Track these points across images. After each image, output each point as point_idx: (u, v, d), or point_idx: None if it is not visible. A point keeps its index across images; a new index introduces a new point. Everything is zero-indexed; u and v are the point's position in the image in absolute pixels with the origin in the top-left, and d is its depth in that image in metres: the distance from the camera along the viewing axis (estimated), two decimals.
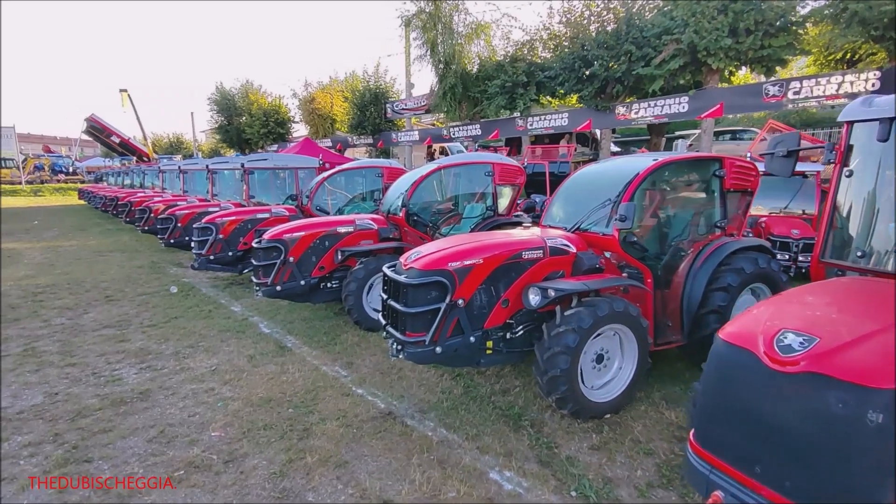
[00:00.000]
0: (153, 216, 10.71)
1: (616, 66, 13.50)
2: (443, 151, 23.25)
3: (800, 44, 11.92)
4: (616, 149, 19.78)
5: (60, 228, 15.14)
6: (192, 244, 7.50)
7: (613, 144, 19.58)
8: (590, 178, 4.59)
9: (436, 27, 17.53)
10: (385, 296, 3.59)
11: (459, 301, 3.38)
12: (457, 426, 3.42)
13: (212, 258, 7.29)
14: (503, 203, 6.71)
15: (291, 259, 5.50)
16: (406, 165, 16.03)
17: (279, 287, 5.48)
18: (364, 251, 5.63)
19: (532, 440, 3.23)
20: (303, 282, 5.57)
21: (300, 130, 30.89)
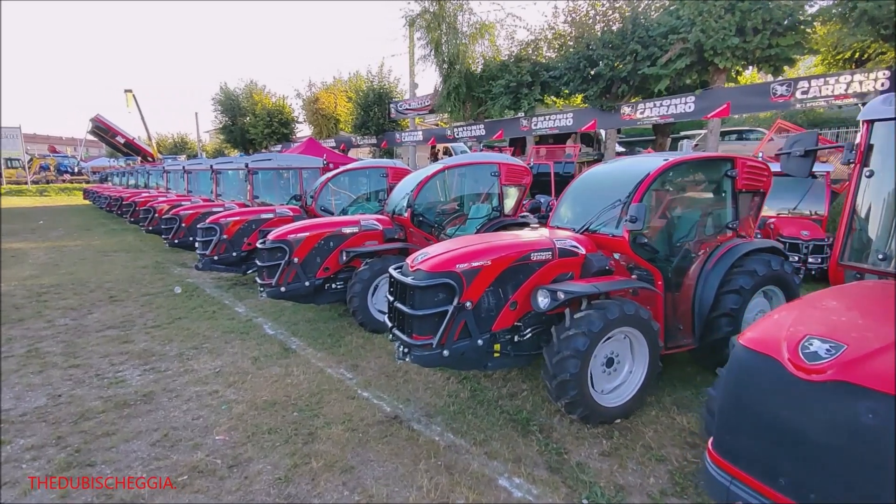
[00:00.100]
0: (157, 216, 10.71)
1: (621, 66, 13.40)
2: (446, 152, 23.20)
3: (808, 43, 11.80)
4: (621, 149, 19.66)
5: (65, 228, 15.18)
6: (196, 244, 7.47)
7: (618, 145, 19.47)
8: (599, 179, 4.52)
9: (440, 27, 17.48)
10: (391, 298, 3.54)
11: (467, 303, 3.32)
12: (464, 431, 3.37)
13: (216, 258, 7.26)
14: (509, 204, 6.65)
15: (296, 260, 5.46)
16: (410, 166, 15.98)
17: (283, 288, 5.43)
18: (369, 252, 5.58)
19: (541, 446, 3.16)
20: (307, 283, 5.53)
21: (304, 131, 30.94)
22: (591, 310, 3.26)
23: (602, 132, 17.98)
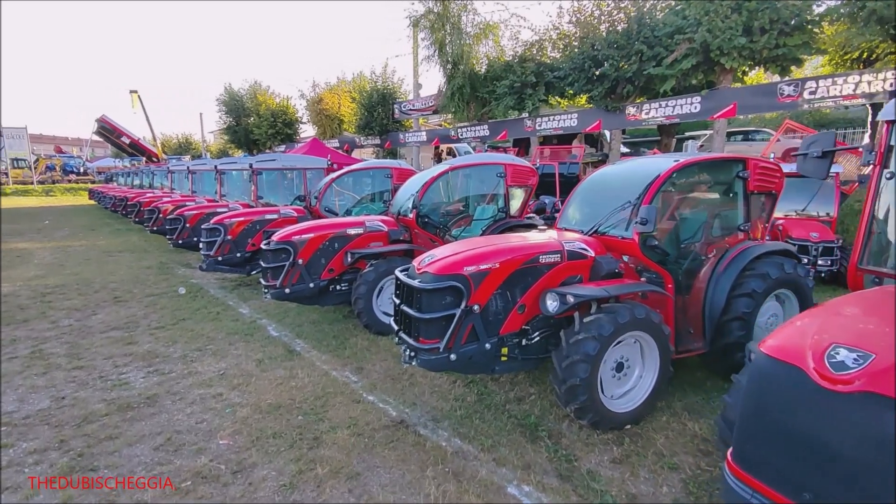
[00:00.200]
0: (162, 217, 10.72)
1: (627, 66, 13.33)
2: (450, 152, 23.15)
3: (815, 43, 11.69)
4: (625, 150, 19.57)
5: (71, 228, 15.22)
6: (201, 245, 7.45)
7: (622, 145, 19.37)
8: (607, 180, 4.46)
9: (444, 27, 17.44)
10: (398, 301, 3.48)
11: (475, 307, 3.26)
12: (471, 436, 3.31)
13: (220, 259, 7.24)
14: (515, 205, 6.59)
15: (300, 261, 5.42)
16: (413, 166, 15.95)
17: (288, 289, 5.39)
18: (374, 253, 5.53)
19: (550, 452, 3.10)
20: (312, 284, 5.48)
21: (308, 131, 30.97)
22: (602, 313, 3.20)
23: (606, 133, 17.88)
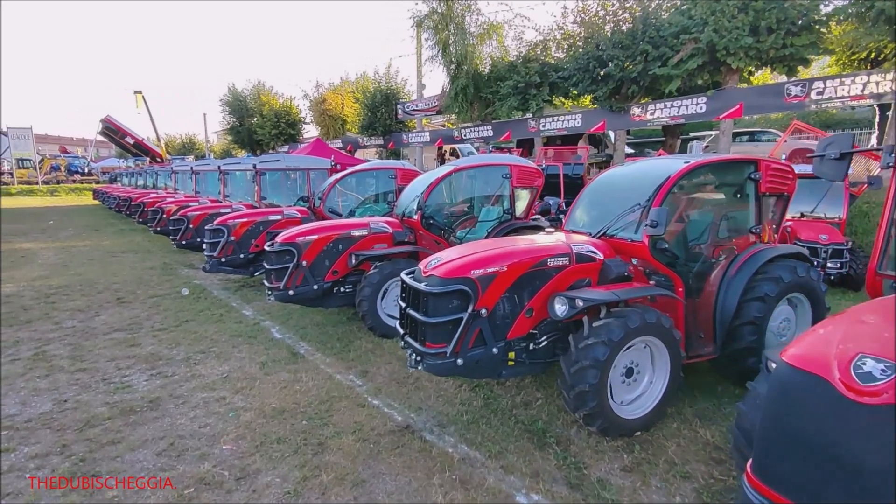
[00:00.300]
0: (165, 217, 10.70)
1: (632, 67, 13.23)
2: (453, 153, 23.10)
3: (823, 43, 11.57)
4: (629, 150, 19.47)
5: (75, 228, 15.25)
6: (204, 246, 7.42)
7: (627, 146, 19.27)
8: (616, 182, 4.40)
9: (448, 28, 17.39)
10: (403, 304, 3.43)
11: (482, 311, 3.21)
12: (478, 442, 3.25)
13: (223, 260, 7.20)
14: (520, 206, 6.53)
15: (304, 263, 5.37)
16: (416, 167, 15.90)
17: (292, 291, 5.35)
18: (379, 255, 5.49)
19: (559, 459, 3.04)
20: (316, 286, 5.44)
21: (311, 131, 30.98)
22: (611, 318, 3.14)
23: (611, 133, 17.79)
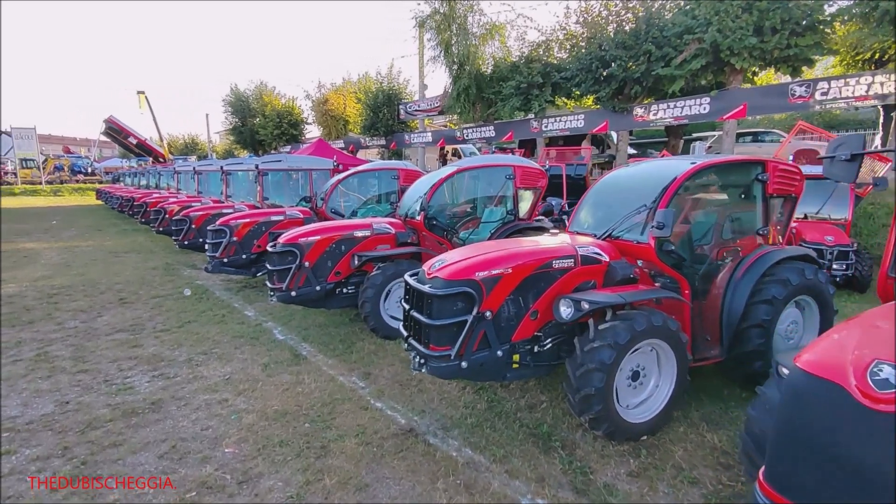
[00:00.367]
0: (168, 217, 10.70)
1: (635, 67, 13.18)
2: (455, 153, 23.07)
3: (827, 43, 11.51)
4: (632, 151, 19.40)
5: (78, 228, 15.27)
6: (206, 246, 7.41)
7: (629, 147, 19.21)
8: (621, 183, 4.36)
9: (450, 28, 17.37)
10: (407, 306, 3.40)
11: (487, 313, 3.18)
12: (483, 446, 3.22)
13: (225, 261, 7.19)
14: (524, 207, 6.50)
15: (307, 264, 5.35)
16: (419, 167, 15.88)
17: (294, 292, 5.33)
18: (381, 256, 5.46)
19: (564, 464, 3.01)
20: (318, 287, 5.42)
21: (313, 132, 31.00)
22: (617, 321, 3.11)
23: (613, 134, 17.73)
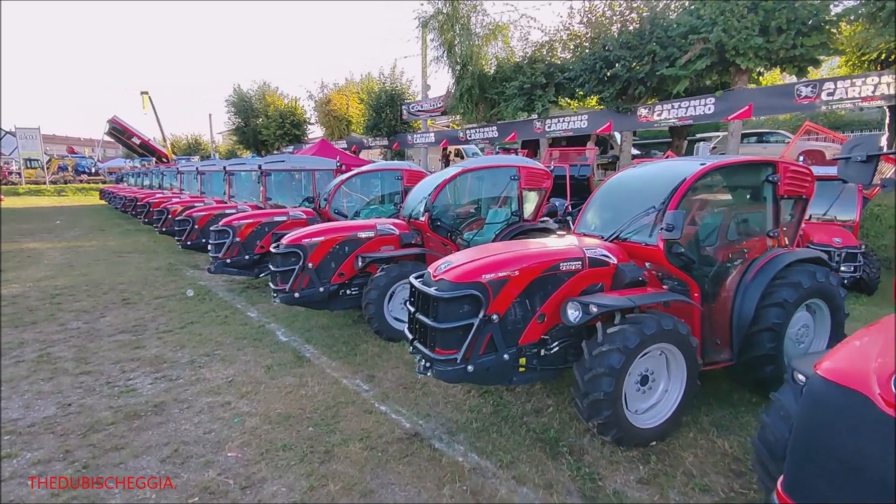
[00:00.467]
0: (171, 217, 10.69)
1: (639, 67, 13.12)
2: (458, 154, 23.03)
3: (833, 43, 11.42)
4: (635, 151, 19.33)
5: (81, 228, 15.29)
6: (209, 247, 7.38)
7: (633, 147, 19.12)
8: (629, 184, 4.30)
9: (453, 28, 17.33)
10: (412, 309, 3.36)
11: (493, 316, 3.13)
12: (489, 451, 3.17)
13: (228, 261, 7.16)
14: (528, 208, 6.45)
15: (310, 265, 5.31)
16: (421, 167, 15.83)
17: (297, 294, 5.29)
18: (385, 257, 5.42)
19: (573, 470, 2.96)
20: (321, 288, 5.38)
21: (316, 132, 31.01)
22: (626, 324, 3.05)
23: (617, 135, 17.66)
